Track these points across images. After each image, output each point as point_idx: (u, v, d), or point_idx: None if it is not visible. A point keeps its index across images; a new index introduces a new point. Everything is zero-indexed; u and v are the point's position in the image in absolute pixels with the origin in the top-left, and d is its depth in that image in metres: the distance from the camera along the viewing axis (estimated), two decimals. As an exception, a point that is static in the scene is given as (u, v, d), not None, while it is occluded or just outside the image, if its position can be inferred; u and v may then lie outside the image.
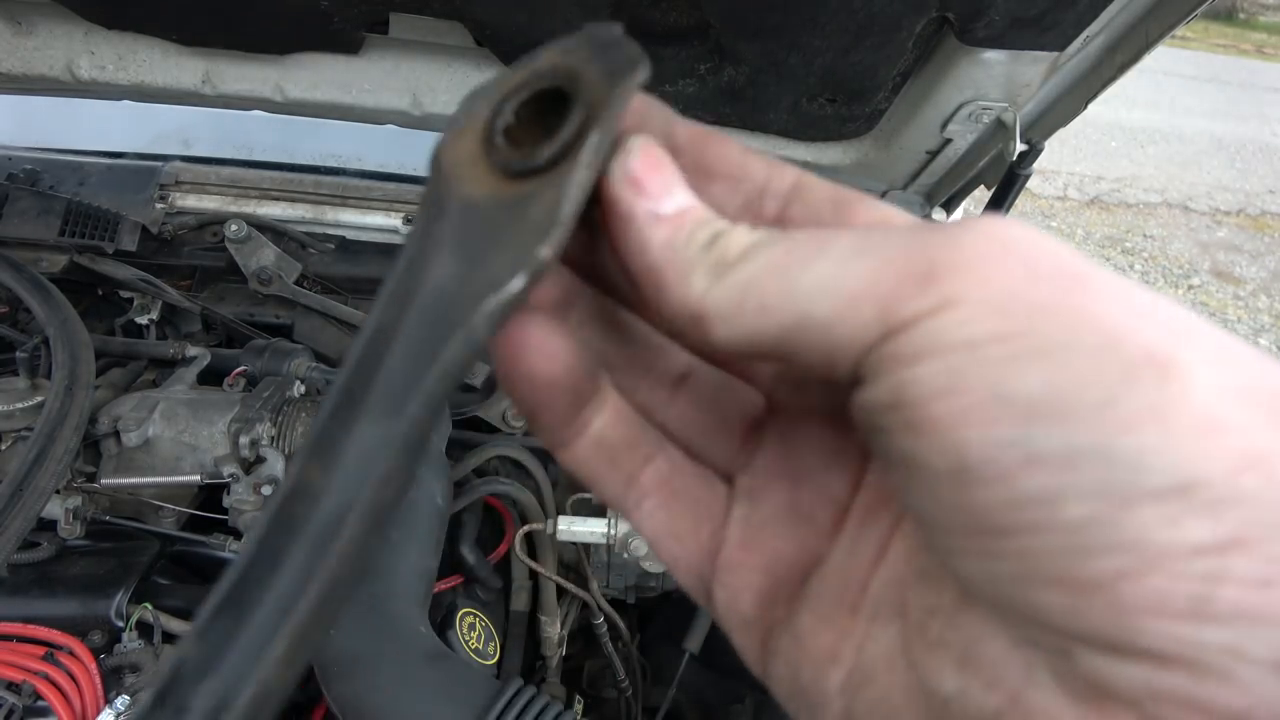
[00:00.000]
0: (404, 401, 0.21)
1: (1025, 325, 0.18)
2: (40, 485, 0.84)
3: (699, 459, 0.28)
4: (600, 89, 0.23)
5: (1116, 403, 0.17)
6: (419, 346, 0.22)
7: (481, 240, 0.23)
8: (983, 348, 0.18)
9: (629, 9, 1.01)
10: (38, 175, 1.41)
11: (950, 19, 0.96)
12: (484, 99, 0.25)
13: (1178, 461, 0.17)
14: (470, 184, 0.24)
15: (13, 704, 0.80)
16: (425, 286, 0.23)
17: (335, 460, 0.21)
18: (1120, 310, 0.18)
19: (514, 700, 0.81)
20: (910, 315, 0.19)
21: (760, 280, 0.21)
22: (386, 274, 0.23)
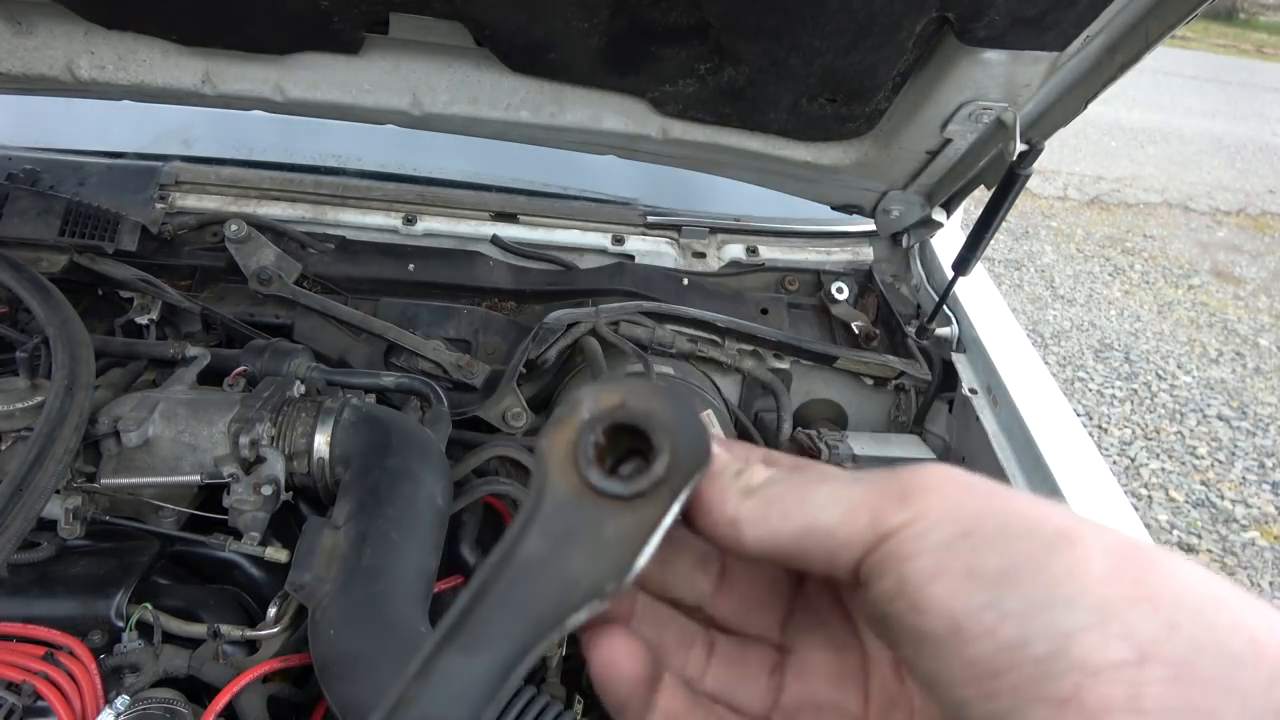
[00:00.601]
0: (489, 644, 0.28)
1: (976, 524, 0.27)
2: (40, 485, 0.84)
3: (750, 639, 0.36)
4: (681, 457, 0.29)
5: (1047, 566, 0.26)
6: (506, 605, 0.28)
7: (565, 534, 0.29)
8: (952, 544, 0.27)
9: (629, 9, 1.01)
10: (38, 175, 1.41)
11: (950, 19, 0.96)
12: (582, 404, 0.30)
13: (1094, 603, 0.25)
14: (562, 481, 0.29)
15: (13, 704, 0.80)
16: (518, 556, 0.29)
17: (429, 680, 0.27)
18: (1030, 508, 0.27)
19: (514, 700, 0.81)
20: (896, 524, 0.28)
21: (780, 496, 0.30)
22: (501, 539, 0.29)
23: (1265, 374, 4.48)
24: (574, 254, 1.57)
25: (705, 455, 0.30)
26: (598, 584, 0.28)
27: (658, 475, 0.28)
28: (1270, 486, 3.60)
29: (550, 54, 1.14)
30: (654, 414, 0.30)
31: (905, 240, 1.59)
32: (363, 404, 1.11)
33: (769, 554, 0.30)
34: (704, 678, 0.35)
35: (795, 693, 0.34)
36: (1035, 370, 1.37)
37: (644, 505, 0.29)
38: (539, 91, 1.24)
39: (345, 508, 0.97)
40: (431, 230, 1.54)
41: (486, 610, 0.28)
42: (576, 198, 1.69)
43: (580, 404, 0.30)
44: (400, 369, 1.38)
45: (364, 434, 1.05)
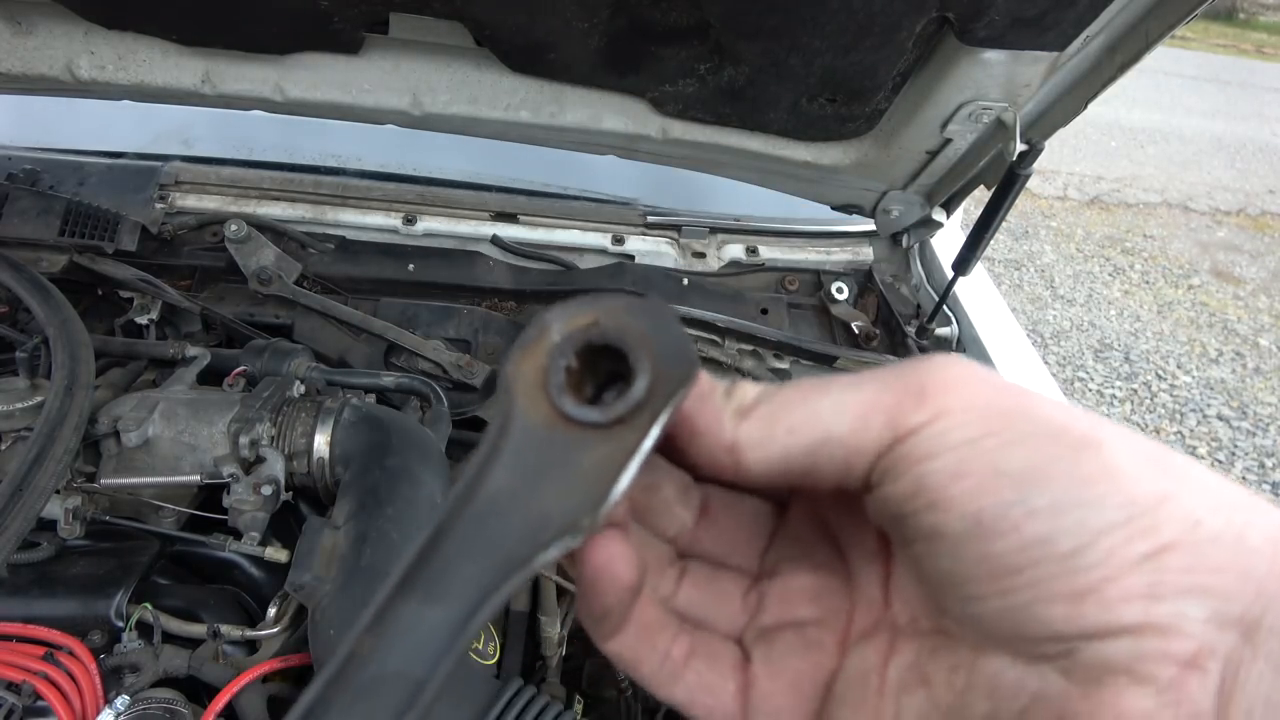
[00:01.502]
0: (450, 590, 0.25)
1: (1002, 423, 0.27)
2: (40, 485, 0.84)
3: (727, 567, 0.35)
4: (662, 378, 0.26)
5: (1076, 466, 0.26)
6: (469, 546, 0.25)
7: (536, 466, 0.26)
8: (978, 442, 0.26)
9: (629, 9, 1.01)
10: (38, 175, 1.41)
11: (950, 19, 0.96)
12: (551, 327, 0.27)
13: (1121, 502, 0.25)
14: (531, 410, 0.27)
15: (13, 704, 0.80)
16: (483, 492, 0.26)
17: (384, 632, 0.25)
18: (1056, 410, 0.27)
19: (514, 700, 0.81)
20: (915, 424, 0.27)
21: (782, 411, 0.29)
22: (462, 467, 0.26)
23: (1265, 374, 4.48)
24: (574, 254, 1.57)
25: (690, 371, 0.27)
26: (572, 518, 0.25)
27: (637, 398, 0.26)
28: (1270, 486, 3.60)
29: (550, 54, 1.14)
30: (631, 331, 0.27)
31: (905, 240, 1.59)
32: (363, 404, 1.11)
33: (775, 475, 0.29)
34: (675, 597, 0.34)
35: (775, 613, 0.34)
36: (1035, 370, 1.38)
37: (622, 431, 0.26)
38: (539, 91, 1.24)
39: (345, 508, 0.97)
40: (431, 230, 1.54)
41: (447, 553, 0.25)
42: (576, 198, 1.69)
43: (550, 325, 0.27)
44: (400, 369, 1.38)
45: (364, 434, 1.05)
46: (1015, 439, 0.26)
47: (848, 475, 0.28)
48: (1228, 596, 0.25)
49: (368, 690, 0.24)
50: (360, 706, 0.24)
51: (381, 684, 0.24)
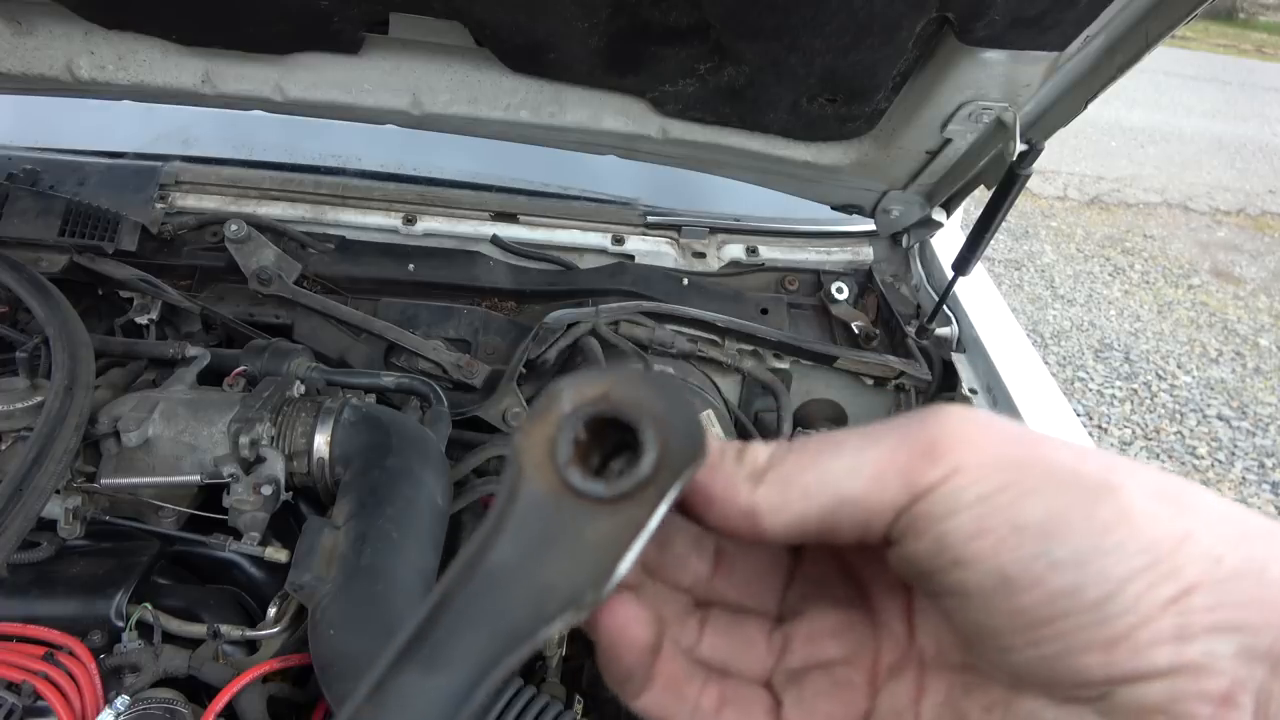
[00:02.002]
0: (451, 661, 0.25)
1: (1016, 476, 0.27)
2: (40, 485, 0.84)
3: (748, 611, 0.35)
4: (670, 455, 0.26)
5: (1093, 514, 0.26)
6: (472, 617, 0.25)
7: (541, 538, 0.26)
8: (993, 497, 0.27)
9: (629, 9, 1.01)
10: (38, 175, 1.41)
11: (950, 19, 0.96)
12: (561, 396, 0.27)
13: (1141, 547, 0.26)
14: (538, 480, 0.26)
15: (13, 704, 0.80)
16: (487, 563, 0.26)
17: (383, 702, 0.24)
18: (1068, 455, 0.27)
19: (514, 700, 0.81)
20: (930, 482, 0.27)
21: (795, 475, 0.29)
22: (471, 533, 0.26)
23: (1265, 374, 4.48)
24: (574, 254, 1.57)
25: (699, 451, 0.27)
26: (576, 593, 0.25)
27: (644, 474, 0.26)
28: (1270, 486, 3.60)
29: (550, 54, 1.14)
30: (641, 406, 0.27)
31: (905, 240, 1.59)
32: (363, 404, 1.11)
33: (794, 536, 0.29)
34: (699, 647, 0.34)
35: (801, 655, 0.34)
36: (1035, 370, 1.37)
37: (629, 506, 0.26)
38: (539, 91, 1.23)
39: (345, 508, 0.97)
40: (431, 230, 1.54)
41: (449, 624, 0.25)
42: (576, 198, 1.69)
43: (560, 395, 0.27)
44: (400, 369, 1.38)
45: (364, 434, 1.05)
46: (1030, 490, 0.26)
47: (867, 533, 0.29)
48: (1255, 631, 0.25)
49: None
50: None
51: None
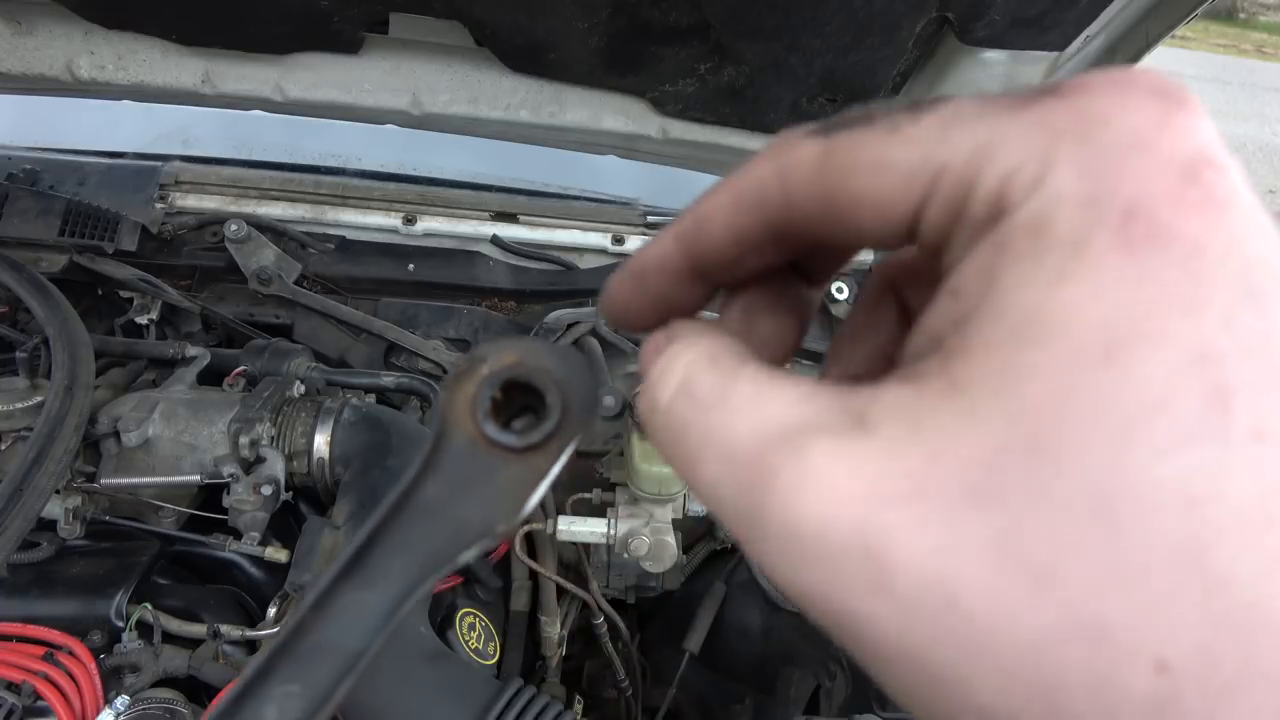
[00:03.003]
0: (384, 579, 0.30)
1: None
2: (40, 485, 0.84)
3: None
4: (569, 415, 0.30)
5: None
6: (401, 543, 0.31)
7: (462, 479, 0.31)
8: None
9: (629, 9, 1.01)
10: (38, 175, 1.40)
11: (950, 19, 0.96)
12: (483, 361, 0.32)
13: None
14: (459, 430, 0.31)
15: (13, 704, 0.80)
16: (416, 499, 0.31)
17: (325, 611, 0.30)
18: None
19: (514, 700, 0.81)
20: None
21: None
22: (407, 472, 0.31)
23: (1265, 374, 4.47)
24: (574, 254, 1.57)
25: (592, 413, 0.31)
26: (489, 525, 0.30)
27: (548, 429, 0.30)
28: (1270, 486, 3.60)
29: (550, 54, 1.14)
30: (547, 372, 0.32)
31: (905, 240, 1.59)
32: (362, 404, 1.11)
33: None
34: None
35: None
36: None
37: (535, 456, 0.31)
38: (539, 91, 1.23)
39: (345, 508, 0.97)
40: (431, 230, 1.54)
41: (383, 550, 0.30)
42: (576, 198, 1.69)
43: (481, 360, 0.32)
44: (400, 369, 1.38)
45: (364, 434, 1.05)
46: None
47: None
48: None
49: (308, 657, 0.30)
50: (301, 669, 0.30)
51: (320, 653, 0.30)
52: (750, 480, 0.19)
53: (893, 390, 0.18)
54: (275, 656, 0.30)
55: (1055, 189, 0.17)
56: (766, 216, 0.22)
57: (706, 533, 1.28)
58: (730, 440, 0.19)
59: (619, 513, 1.08)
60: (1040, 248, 0.17)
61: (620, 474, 1.13)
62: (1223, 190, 0.17)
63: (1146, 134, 0.17)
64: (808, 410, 0.19)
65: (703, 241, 0.24)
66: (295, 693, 0.30)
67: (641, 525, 1.06)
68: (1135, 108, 0.17)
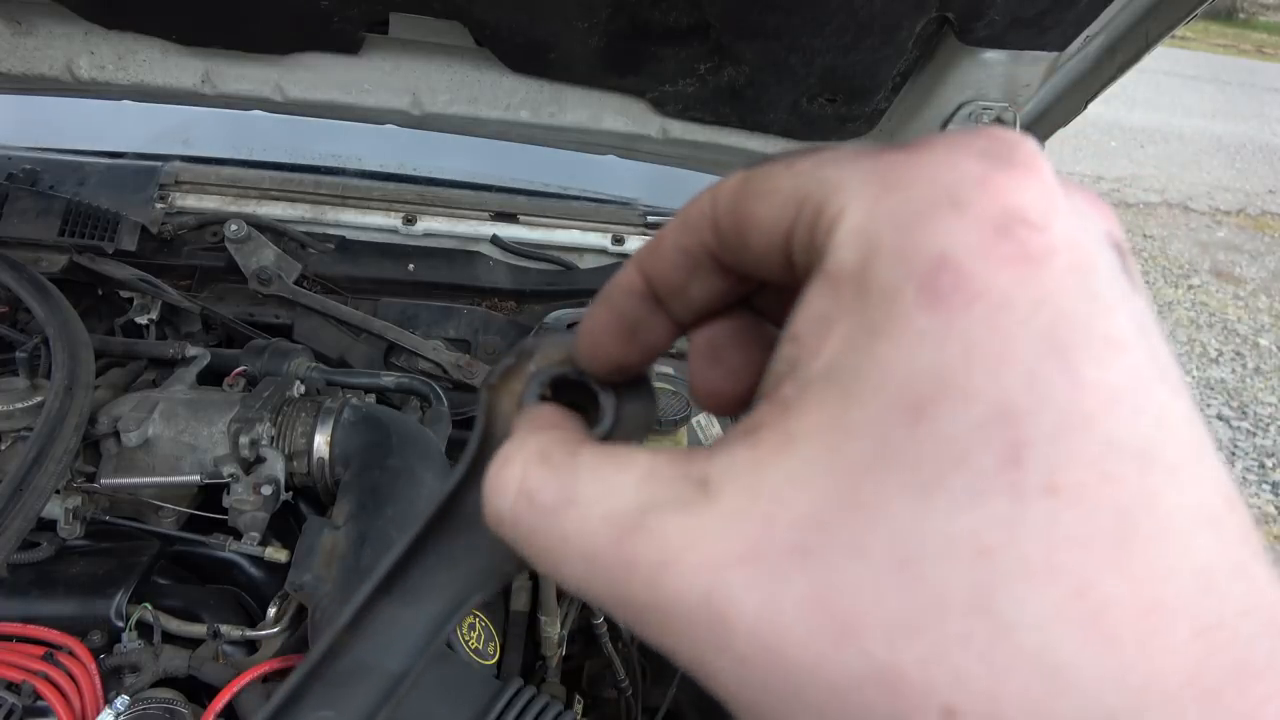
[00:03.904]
0: (426, 595, 0.27)
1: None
2: (40, 485, 0.84)
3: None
4: (624, 417, 0.27)
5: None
6: (446, 556, 0.27)
7: None
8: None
9: (629, 9, 1.01)
10: (38, 175, 1.40)
11: (950, 19, 0.96)
12: (531, 355, 0.28)
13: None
14: (505, 431, 0.27)
15: (13, 704, 0.80)
16: (461, 506, 0.28)
17: (362, 629, 0.27)
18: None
19: (514, 700, 0.81)
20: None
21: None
22: (442, 484, 0.28)
23: (1265, 374, 4.48)
24: (574, 254, 1.57)
25: (650, 418, 0.28)
26: None
27: (602, 433, 0.27)
28: (1270, 486, 3.60)
29: (550, 54, 1.14)
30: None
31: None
32: (363, 404, 1.11)
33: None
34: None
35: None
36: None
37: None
38: (539, 91, 1.24)
39: (345, 508, 0.97)
40: (431, 230, 1.54)
41: (425, 562, 0.28)
42: (576, 198, 1.69)
43: (529, 355, 0.29)
44: (400, 369, 1.38)
45: (364, 434, 1.05)
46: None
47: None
48: None
49: (344, 679, 0.27)
50: (337, 694, 0.27)
51: (357, 674, 0.27)
52: (613, 572, 0.19)
53: (730, 452, 0.19)
54: (309, 678, 0.27)
55: (875, 240, 0.18)
56: (702, 239, 0.23)
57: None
58: (585, 539, 0.20)
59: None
60: (860, 300, 0.18)
61: (620, 474, 1.13)
62: (1036, 245, 0.17)
63: (963, 192, 0.18)
64: (653, 488, 0.20)
65: (657, 263, 0.25)
66: (330, 718, 0.27)
67: (641, 525, 1.06)
68: (957, 166, 0.18)
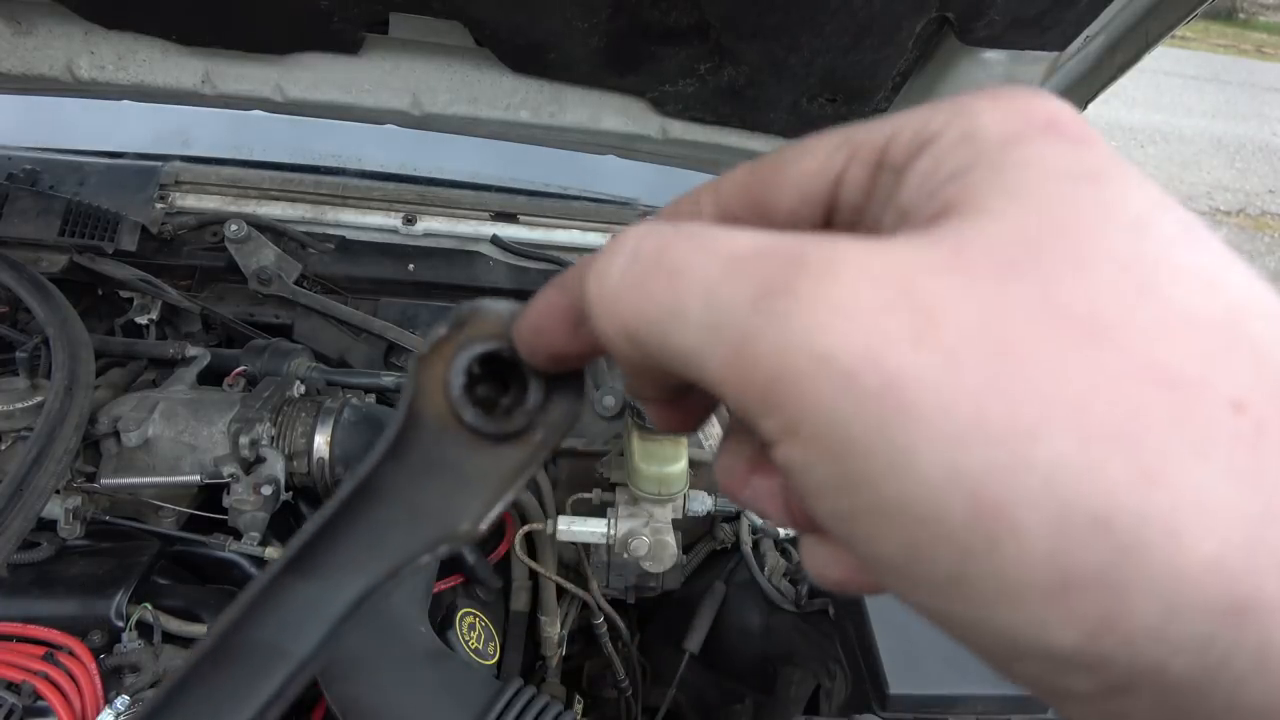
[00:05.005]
0: (329, 570, 0.26)
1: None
2: (40, 485, 0.84)
3: None
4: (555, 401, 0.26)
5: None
6: (359, 533, 0.26)
7: (424, 466, 0.26)
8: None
9: (629, 9, 1.01)
10: (38, 175, 1.40)
11: (950, 19, 0.96)
12: (465, 327, 0.26)
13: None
14: (429, 406, 0.26)
15: (13, 704, 0.80)
16: (373, 485, 0.26)
17: (262, 604, 0.25)
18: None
19: (514, 700, 0.81)
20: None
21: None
22: (360, 463, 0.26)
23: (1265, 374, 4.47)
24: (574, 254, 1.57)
25: (574, 420, 0.26)
26: (452, 525, 0.26)
27: (526, 417, 0.26)
28: (1270, 486, 3.59)
29: (550, 54, 1.14)
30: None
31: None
32: (363, 404, 1.11)
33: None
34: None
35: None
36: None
37: (512, 449, 0.26)
38: (539, 91, 1.24)
39: (345, 508, 0.96)
40: (431, 230, 1.54)
41: (335, 538, 0.26)
42: (576, 198, 1.69)
43: (462, 325, 0.26)
44: (400, 369, 1.38)
45: (364, 434, 1.05)
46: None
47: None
48: None
49: (239, 657, 0.25)
50: (230, 672, 0.25)
51: (251, 652, 0.25)
52: (772, 275, 0.18)
53: (892, 236, 0.19)
54: (204, 660, 0.25)
55: (977, 121, 0.19)
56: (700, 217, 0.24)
57: (707, 533, 1.28)
58: (727, 247, 0.19)
59: (619, 513, 1.08)
60: (975, 146, 0.19)
61: (620, 474, 1.13)
62: (1079, 125, 0.20)
63: (1023, 100, 0.20)
64: (806, 237, 0.18)
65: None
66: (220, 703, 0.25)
67: (641, 525, 1.06)
68: (1009, 92, 0.20)
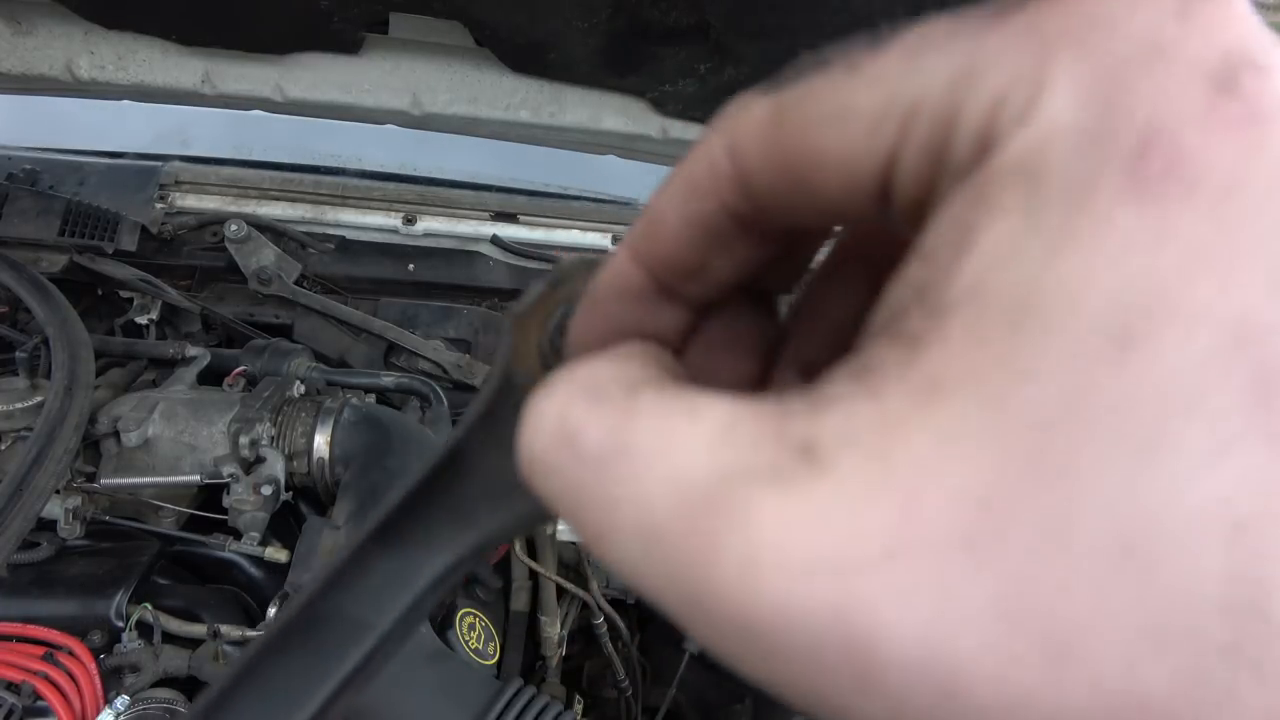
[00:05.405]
0: (414, 544, 0.25)
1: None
2: (40, 485, 0.84)
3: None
4: None
5: None
6: (448, 506, 0.25)
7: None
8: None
9: (629, 9, 1.01)
10: (38, 175, 1.40)
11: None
12: (563, 286, 0.24)
13: None
14: (524, 373, 0.24)
15: (13, 704, 0.80)
16: (471, 457, 0.24)
17: (342, 577, 0.24)
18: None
19: (514, 700, 0.81)
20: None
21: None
22: (455, 427, 0.26)
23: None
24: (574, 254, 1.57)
25: None
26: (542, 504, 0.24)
27: None
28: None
29: (550, 54, 1.14)
30: None
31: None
32: (362, 404, 1.12)
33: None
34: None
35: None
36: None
37: None
38: (539, 91, 1.24)
39: (345, 508, 0.97)
40: (431, 230, 1.54)
41: (421, 511, 0.25)
42: (576, 198, 1.69)
43: (561, 284, 0.24)
44: (400, 369, 1.38)
45: (364, 434, 1.05)
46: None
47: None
48: None
49: (321, 629, 0.24)
50: (312, 644, 0.24)
51: (334, 624, 0.24)
52: (681, 561, 0.14)
53: (844, 403, 0.14)
54: (286, 631, 0.24)
55: (1050, 118, 0.13)
56: (724, 201, 0.18)
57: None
58: (642, 509, 0.15)
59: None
60: (1032, 198, 0.13)
61: (620, 474, 1.13)
62: (1268, 100, 0.12)
63: (1163, 33, 0.13)
64: (736, 448, 0.14)
65: (659, 247, 0.19)
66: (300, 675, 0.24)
67: (641, 525, 1.06)
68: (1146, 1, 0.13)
